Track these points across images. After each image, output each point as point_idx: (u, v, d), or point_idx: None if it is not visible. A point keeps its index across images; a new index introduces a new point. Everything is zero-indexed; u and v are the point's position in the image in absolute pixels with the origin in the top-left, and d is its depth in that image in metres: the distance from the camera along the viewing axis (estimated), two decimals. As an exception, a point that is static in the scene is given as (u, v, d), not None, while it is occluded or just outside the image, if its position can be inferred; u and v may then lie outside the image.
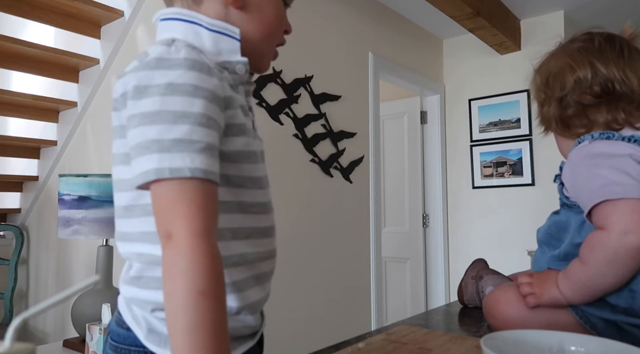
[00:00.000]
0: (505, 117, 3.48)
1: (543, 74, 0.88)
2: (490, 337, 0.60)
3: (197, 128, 0.53)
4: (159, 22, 0.66)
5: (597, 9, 3.24)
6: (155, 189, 0.53)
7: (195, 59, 0.56)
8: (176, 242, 0.50)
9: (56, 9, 2.19)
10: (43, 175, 2.47)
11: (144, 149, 0.53)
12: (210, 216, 0.52)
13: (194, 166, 0.52)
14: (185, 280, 0.49)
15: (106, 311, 1.54)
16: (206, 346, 0.47)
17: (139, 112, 0.54)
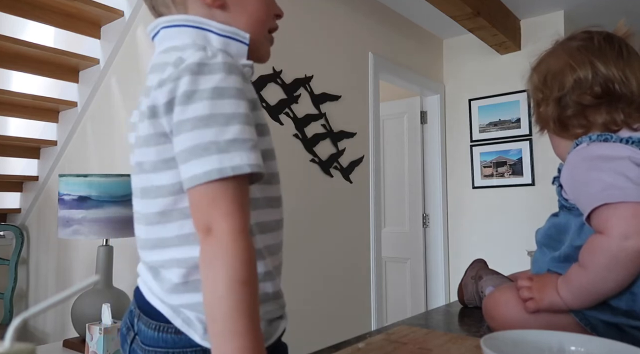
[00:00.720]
0: (505, 117, 3.48)
1: (541, 73, 0.86)
2: (490, 337, 0.60)
3: (246, 127, 0.57)
4: (162, 29, 0.67)
5: (597, 8, 3.24)
6: (199, 189, 0.56)
7: (231, 63, 0.59)
8: (218, 237, 0.54)
9: (56, 9, 2.19)
10: (43, 175, 2.47)
11: (202, 150, 0.56)
12: (248, 213, 0.57)
13: (251, 162, 0.56)
14: (227, 271, 0.53)
15: (106, 311, 1.54)
16: (245, 330, 0.52)
17: (192, 117, 0.57)
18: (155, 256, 0.65)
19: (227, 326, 0.52)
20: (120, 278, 1.93)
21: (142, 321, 0.66)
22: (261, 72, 2.33)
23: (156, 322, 0.64)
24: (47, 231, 2.43)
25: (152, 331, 0.64)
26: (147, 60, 2.10)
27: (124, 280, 1.96)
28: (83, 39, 2.34)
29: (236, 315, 0.52)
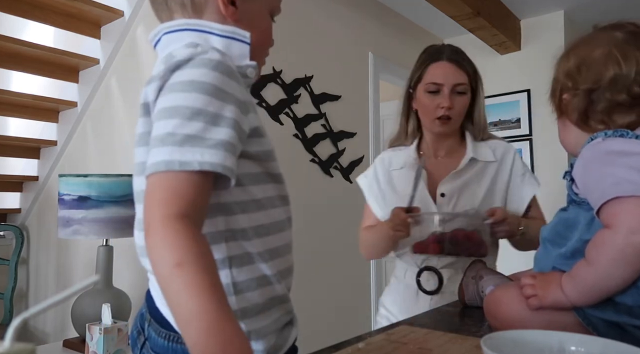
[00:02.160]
0: (505, 117, 3.48)
1: (578, 57, 0.80)
2: (490, 337, 0.60)
3: (211, 127, 0.55)
4: (163, 35, 0.66)
5: (597, 8, 3.24)
6: (150, 179, 0.55)
7: (219, 60, 0.58)
8: (151, 227, 0.52)
9: (56, 9, 2.19)
10: (43, 175, 2.47)
11: (159, 141, 0.55)
12: (190, 203, 0.53)
13: (203, 160, 0.53)
14: (162, 258, 0.50)
15: (106, 311, 1.54)
16: (198, 314, 0.47)
17: (161, 107, 0.57)
18: (147, 264, 0.62)
19: (181, 312, 0.48)
20: (120, 278, 1.93)
21: (152, 327, 0.65)
22: (261, 72, 2.32)
23: (167, 331, 0.63)
24: (47, 231, 2.43)
25: (162, 340, 0.63)
26: (147, 60, 2.10)
27: (124, 280, 1.96)
28: (83, 39, 2.34)
29: (186, 299, 0.48)
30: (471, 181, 1.33)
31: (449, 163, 1.36)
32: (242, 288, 0.62)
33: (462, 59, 1.32)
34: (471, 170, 1.34)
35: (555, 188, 3.25)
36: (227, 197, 0.60)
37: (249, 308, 0.62)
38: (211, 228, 0.60)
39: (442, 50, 1.33)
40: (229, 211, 0.61)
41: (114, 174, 1.72)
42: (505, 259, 1.76)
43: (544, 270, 0.79)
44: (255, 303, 0.63)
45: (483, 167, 1.35)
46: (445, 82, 1.29)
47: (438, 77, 1.30)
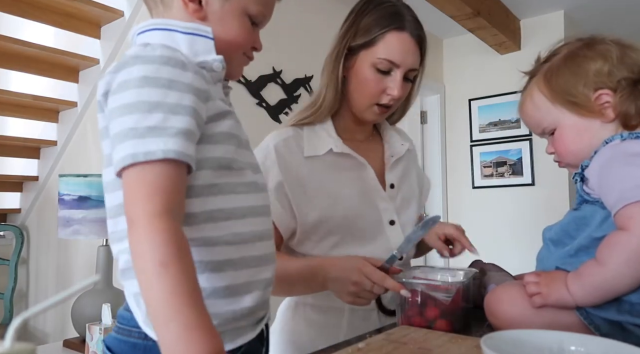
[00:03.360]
0: (505, 117, 3.48)
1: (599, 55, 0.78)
2: (490, 337, 0.60)
3: (171, 116, 0.57)
4: (137, 36, 0.69)
5: (597, 9, 3.24)
6: (125, 176, 0.56)
7: (169, 55, 0.60)
8: (136, 224, 0.53)
9: (56, 8, 2.19)
10: (43, 175, 2.47)
11: (122, 136, 0.56)
12: (171, 197, 0.55)
13: (167, 148, 0.55)
14: (148, 256, 0.52)
15: (106, 311, 1.54)
16: (179, 312, 0.49)
17: (118, 105, 0.58)
18: (115, 248, 0.67)
19: (162, 310, 0.50)
20: (120, 277, 1.92)
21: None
22: (261, 72, 2.32)
23: (125, 301, 0.67)
24: (47, 231, 2.43)
25: (122, 308, 0.67)
26: (147, 60, 2.10)
27: (124, 280, 1.96)
28: (83, 39, 2.34)
29: (168, 298, 0.50)
30: (408, 170, 1.17)
31: (374, 148, 1.14)
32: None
33: (424, 36, 1.04)
34: (407, 157, 1.18)
35: (555, 188, 3.25)
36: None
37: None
38: None
39: (404, 16, 1.01)
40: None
41: (114, 174, 1.71)
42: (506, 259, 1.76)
43: (548, 270, 0.79)
44: (205, 286, 0.60)
45: (408, 154, 1.18)
46: (402, 63, 1.00)
47: (396, 54, 0.99)
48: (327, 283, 0.93)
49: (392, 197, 1.08)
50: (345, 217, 1.01)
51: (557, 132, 0.84)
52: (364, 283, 0.88)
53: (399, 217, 1.08)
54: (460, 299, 0.89)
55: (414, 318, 0.88)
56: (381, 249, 1.02)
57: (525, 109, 0.89)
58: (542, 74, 0.85)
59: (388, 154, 1.12)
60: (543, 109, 0.84)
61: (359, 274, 0.88)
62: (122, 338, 0.65)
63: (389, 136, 1.16)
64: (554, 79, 0.83)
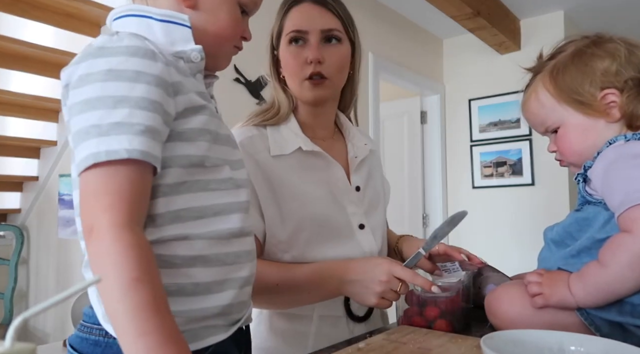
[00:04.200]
0: (505, 117, 3.48)
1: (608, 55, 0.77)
2: (490, 337, 0.60)
3: (137, 111, 0.54)
4: (113, 22, 0.67)
5: (597, 9, 3.24)
6: (84, 177, 0.53)
7: (137, 45, 0.57)
8: (100, 235, 0.51)
9: (56, 8, 2.19)
10: (43, 175, 2.47)
11: (84, 134, 0.53)
12: (136, 205, 0.53)
13: (132, 147, 0.52)
14: (116, 271, 0.49)
15: (106, 311, 1.54)
16: (151, 328, 0.48)
17: (80, 100, 0.55)
18: (83, 243, 0.61)
19: (130, 327, 0.48)
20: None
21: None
22: (261, 72, 2.32)
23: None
24: (47, 231, 2.43)
25: (87, 307, 0.65)
26: (147, 60, 2.10)
27: (124, 280, 1.96)
28: (83, 39, 2.34)
29: (137, 314, 0.48)
30: (372, 172, 1.12)
31: (338, 148, 1.07)
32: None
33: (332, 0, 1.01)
34: (370, 159, 1.12)
35: (555, 188, 3.25)
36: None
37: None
38: None
39: None
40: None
41: (114, 174, 1.71)
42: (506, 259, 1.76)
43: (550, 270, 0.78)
44: (168, 282, 0.58)
45: (371, 155, 1.12)
46: (310, 28, 0.97)
47: (300, 22, 0.97)
48: (344, 286, 0.89)
49: (360, 200, 1.04)
50: (314, 220, 0.96)
51: (560, 130, 0.83)
52: (392, 282, 0.84)
53: (367, 221, 1.03)
54: (460, 299, 0.89)
55: (414, 317, 0.89)
56: (353, 252, 0.99)
57: (529, 106, 0.87)
58: (547, 71, 0.83)
59: (352, 154, 1.07)
60: (548, 106, 0.83)
61: (387, 273, 0.84)
62: (83, 336, 0.63)
63: (352, 135, 1.10)
64: (560, 77, 0.81)
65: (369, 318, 1.04)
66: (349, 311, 1.00)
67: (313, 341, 0.96)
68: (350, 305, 1.00)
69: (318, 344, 0.91)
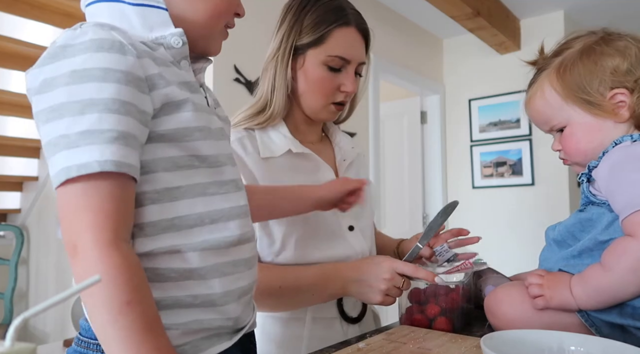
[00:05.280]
0: (505, 117, 3.48)
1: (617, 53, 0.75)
2: (490, 337, 0.60)
3: (107, 115, 0.49)
4: (85, 9, 0.61)
5: (597, 9, 3.24)
6: (60, 192, 0.49)
7: (103, 38, 0.51)
8: (84, 255, 0.48)
9: (56, 8, 2.19)
10: (43, 175, 2.47)
11: (53, 146, 0.50)
12: (119, 219, 0.49)
13: (104, 159, 0.48)
14: (105, 294, 0.47)
15: (106, 311, 1.54)
16: (148, 349, 0.47)
17: (45, 107, 0.51)
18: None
19: (124, 348, 0.46)
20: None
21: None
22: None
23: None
24: (47, 231, 2.43)
25: (82, 319, 0.62)
26: (147, 60, 2.10)
27: (124, 280, 1.96)
28: (83, 39, 2.34)
29: (129, 338, 0.46)
30: (360, 175, 1.12)
31: (326, 151, 1.09)
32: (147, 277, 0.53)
33: (368, 29, 1.01)
34: (357, 163, 1.13)
35: (555, 188, 3.25)
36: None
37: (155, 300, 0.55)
38: None
39: (347, 10, 0.98)
40: (135, 203, 0.54)
41: (114, 174, 1.71)
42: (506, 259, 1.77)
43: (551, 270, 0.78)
44: (164, 296, 0.56)
45: (358, 159, 1.13)
46: (353, 58, 0.97)
47: (347, 50, 0.96)
48: (349, 286, 0.89)
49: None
50: (304, 221, 0.96)
51: (567, 130, 0.80)
52: (395, 279, 0.85)
53: (356, 223, 1.03)
54: (461, 297, 0.89)
55: (415, 315, 0.89)
56: (345, 252, 0.99)
57: (534, 104, 0.84)
58: (554, 69, 0.81)
59: (339, 157, 1.08)
60: (554, 105, 0.80)
61: (390, 270, 0.85)
62: (81, 350, 0.59)
63: (338, 138, 1.11)
64: (567, 75, 0.79)
65: (362, 319, 1.04)
66: (342, 312, 1.00)
67: (307, 343, 0.95)
68: (343, 306, 1.00)
69: (312, 346, 0.91)
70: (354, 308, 1.02)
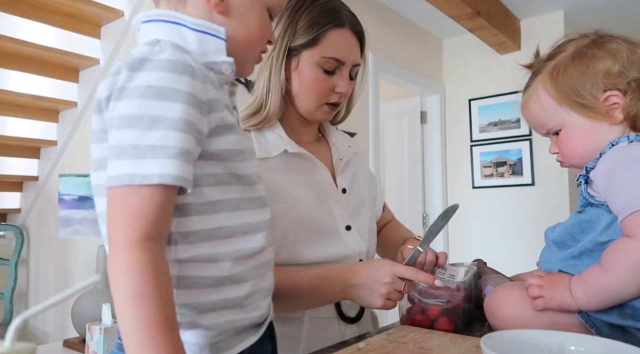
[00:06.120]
0: (505, 117, 3.48)
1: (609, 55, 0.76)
2: (490, 337, 0.60)
3: (173, 133, 0.54)
4: (141, 24, 0.66)
5: (597, 9, 3.24)
6: (114, 191, 0.55)
7: (178, 60, 0.56)
8: (113, 249, 0.53)
9: (56, 8, 2.19)
10: (43, 175, 2.47)
11: (121, 152, 0.54)
12: (153, 222, 0.53)
13: (164, 172, 0.53)
14: (122, 284, 0.52)
15: (106, 311, 1.54)
16: (152, 343, 0.49)
17: (119, 114, 0.55)
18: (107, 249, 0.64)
19: (132, 339, 0.50)
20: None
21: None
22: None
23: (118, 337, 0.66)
24: (47, 231, 2.43)
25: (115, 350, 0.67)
26: (147, 60, 2.10)
27: (124, 280, 1.96)
28: (83, 39, 2.34)
29: (138, 328, 0.50)
30: (357, 175, 1.12)
31: (323, 151, 1.09)
32: (188, 284, 0.60)
33: (363, 31, 1.02)
34: (354, 162, 1.13)
35: (555, 188, 3.25)
36: (179, 199, 0.59)
37: (193, 305, 0.61)
38: None
39: (341, 12, 0.99)
40: (182, 213, 0.60)
41: (114, 174, 1.71)
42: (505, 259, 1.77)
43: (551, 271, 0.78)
44: (203, 301, 0.61)
45: (355, 158, 1.14)
46: (347, 60, 0.98)
47: (341, 51, 0.97)
48: (349, 290, 0.89)
49: (345, 202, 1.05)
50: (302, 221, 0.97)
51: (562, 133, 0.81)
52: (396, 282, 0.85)
53: (354, 223, 1.04)
54: (462, 297, 0.89)
55: (417, 316, 0.89)
56: (343, 251, 0.99)
57: (529, 108, 0.85)
58: (547, 73, 0.82)
59: (336, 157, 1.08)
60: (549, 109, 0.81)
61: (390, 273, 0.85)
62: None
63: (335, 138, 1.12)
64: (560, 79, 0.79)
65: (360, 319, 1.04)
66: (340, 312, 1.01)
67: (304, 343, 0.96)
68: (341, 306, 1.00)
69: (309, 346, 0.91)
70: (351, 308, 1.02)
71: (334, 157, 1.09)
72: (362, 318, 1.04)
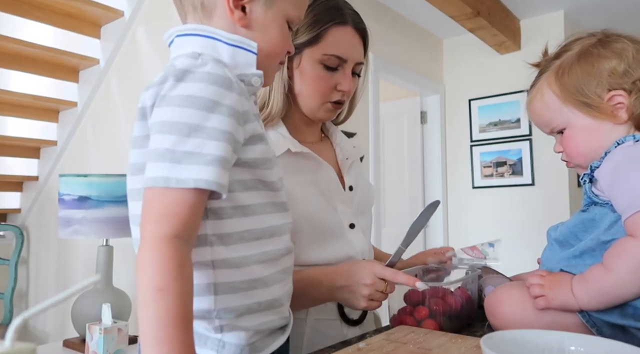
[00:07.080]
0: (505, 117, 3.49)
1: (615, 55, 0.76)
2: (490, 337, 0.60)
3: (209, 142, 0.57)
4: (176, 38, 0.68)
5: (597, 9, 3.24)
6: (150, 191, 0.58)
7: (218, 73, 0.60)
8: (143, 243, 0.55)
9: (56, 8, 2.19)
10: (43, 175, 2.47)
11: (158, 155, 0.57)
12: (182, 222, 0.56)
13: (199, 177, 0.56)
14: (144, 277, 0.54)
15: (106, 311, 1.53)
16: (166, 336, 0.51)
17: (159, 120, 0.59)
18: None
19: (148, 331, 0.52)
20: (120, 278, 1.93)
21: None
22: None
23: None
24: (47, 231, 2.43)
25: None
26: (147, 60, 2.10)
27: (124, 280, 1.96)
28: (83, 39, 2.34)
29: (156, 321, 0.52)
30: (360, 176, 1.13)
31: (327, 151, 1.09)
32: (224, 290, 0.64)
33: (366, 29, 1.02)
34: (357, 163, 1.14)
35: (555, 188, 3.25)
36: (214, 203, 0.62)
37: (230, 309, 0.64)
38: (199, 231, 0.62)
39: (344, 10, 0.98)
40: (216, 216, 0.63)
41: (114, 174, 1.71)
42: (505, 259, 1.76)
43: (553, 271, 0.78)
44: (238, 305, 0.65)
45: (357, 161, 1.15)
46: (349, 57, 0.97)
47: (343, 49, 0.96)
48: (334, 292, 0.89)
49: (350, 200, 1.04)
50: (307, 220, 0.96)
51: (567, 132, 0.81)
52: (376, 283, 0.85)
53: (357, 221, 1.04)
54: (451, 300, 0.89)
55: (405, 317, 0.90)
56: (343, 251, 0.99)
57: (534, 107, 0.85)
58: (553, 72, 0.81)
59: (341, 156, 1.08)
60: (553, 108, 0.81)
61: (370, 274, 0.85)
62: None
63: (339, 139, 1.12)
64: (565, 78, 0.79)
65: (363, 321, 1.03)
66: (342, 314, 1.00)
67: (307, 343, 0.96)
68: (344, 308, 1.00)
69: (312, 348, 0.91)
70: (353, 310, 1.01)
71: (339, 156, 1.09)
72: (365, 319, 1.04)
